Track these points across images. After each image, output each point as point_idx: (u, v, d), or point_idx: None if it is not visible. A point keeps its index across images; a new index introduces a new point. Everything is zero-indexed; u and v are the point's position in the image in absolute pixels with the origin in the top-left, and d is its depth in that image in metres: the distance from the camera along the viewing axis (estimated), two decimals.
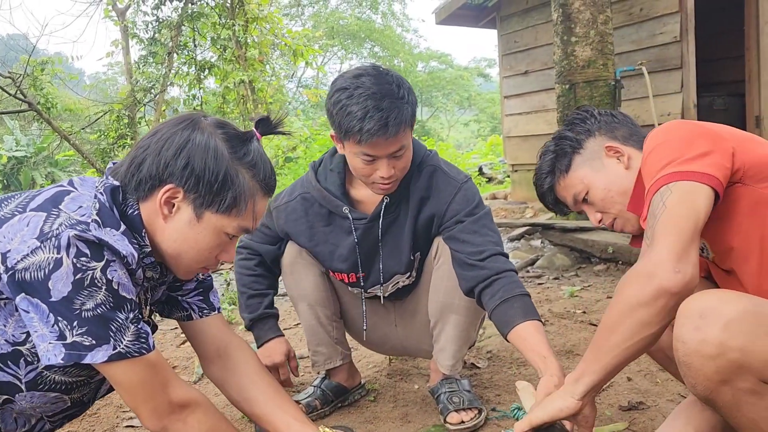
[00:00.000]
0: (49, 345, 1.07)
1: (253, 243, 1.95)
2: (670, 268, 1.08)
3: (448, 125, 30.73)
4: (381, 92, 1.53)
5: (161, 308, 1.46)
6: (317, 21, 24.69)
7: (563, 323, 2.69)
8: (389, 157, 1.59)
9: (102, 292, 1.07)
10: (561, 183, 1.51)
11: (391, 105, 1.53)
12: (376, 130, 1.51)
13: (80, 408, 1.33)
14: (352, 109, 1.53)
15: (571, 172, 1.48)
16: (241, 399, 1.42)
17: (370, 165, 1.61)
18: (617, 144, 1.45)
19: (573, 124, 1.53)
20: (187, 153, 1.17)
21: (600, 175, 1.44)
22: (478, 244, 1.69)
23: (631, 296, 1.13)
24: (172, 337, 3.00)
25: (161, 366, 1.18)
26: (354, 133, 1.53)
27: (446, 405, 1.81)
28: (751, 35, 5.25)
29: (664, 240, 1.12)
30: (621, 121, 1.50)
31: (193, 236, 1.21)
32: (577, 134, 1.50)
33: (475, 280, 1.66)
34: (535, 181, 1.57)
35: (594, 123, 1.50)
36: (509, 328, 1.55)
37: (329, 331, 1.94)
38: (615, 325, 1.15)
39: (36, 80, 8.38)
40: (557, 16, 4.75)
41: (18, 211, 1.11)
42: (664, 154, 1.21)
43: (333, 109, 1.58)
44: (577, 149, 1.48)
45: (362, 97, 1.53)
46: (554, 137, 1.55)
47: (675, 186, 1.15)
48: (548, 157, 1.53)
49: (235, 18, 8.65)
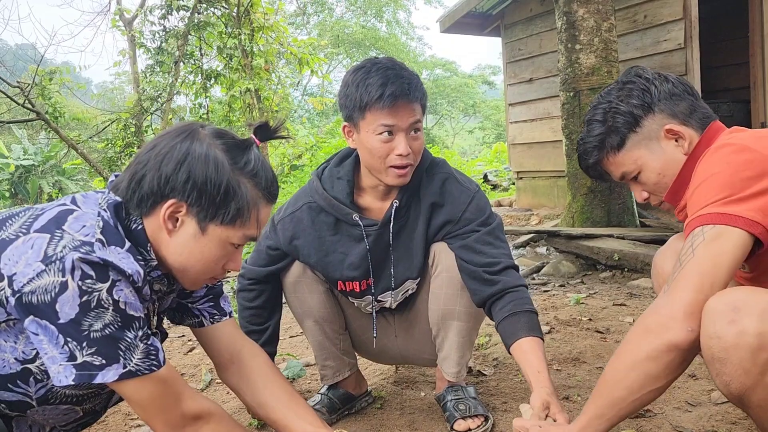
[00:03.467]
0: (60, 367, 1.07)
1: (255, 269, 1.88)
2: (682, 326, 1.05)
3: (453, 133, 30.76)
4: (398, 66, 1.64)
5: (172, 315, 1.47)
6: (322, 29, 24.83)
7: (569, 330, 2.69)
8: (407, 131, 1.63)
9: (109, 312, 1.07)
10: (610, 159, 1.39)
11: (410, 75, 1.63)
12: (400, 92, 1.58)
13: (93, 417, 1.34)
14: (371, 80, 1.59)
15: (624, 150, 1.36)
16: (256, 404, 1.43)
17: (387, 143, 1.62)
18: (678, 126, 1.33)
19: (629, 94, 1.36)
20: (187, 166, 1.16)
21: (656, 158, 1.34)
22: (493, 256, 1.71)
23: (641, 349, 1.10)
24: (180, 345, 3.01)
25: (173, 380, 1.18)
26: (375, 100, 1.58)
27: (452, 412, 1.82)
28: (755, 41, 5.25)
29: (681, 293, 1.08)
30: (681, 92, 1.36)
31: (199, 249, 1.21)
32: (633, 108, 1.35)
33: (488, 294, 1.69)
34: (579, 153, 1.45)
35: (654, 95, 1.34)
36: (512, 341, 1.61)
37: (336, 344, 1.94)
38: (621, 378, 1.13)
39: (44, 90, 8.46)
40: (561, 23, 4.77)
41: (22, 233, 1.10)
42: (710, 190, 1.14)
43: (350, 90, 1.63)
44: (634, 127, 1.35)
45: (381, 70, 1.61)
46: (603, 104, 1.40)
47: (709, 231, 1.09)
48: (597, 130, 1.39)
49: (242, 27, 8.72)
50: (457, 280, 1.77)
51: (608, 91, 1.42)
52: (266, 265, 1.88)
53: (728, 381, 1.06)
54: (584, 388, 2.06)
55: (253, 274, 1.89)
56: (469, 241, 1.74)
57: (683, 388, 1.98)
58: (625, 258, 3.99)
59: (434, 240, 1.80)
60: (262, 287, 1.89)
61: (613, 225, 4.60)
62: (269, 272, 1.88)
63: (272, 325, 1.92)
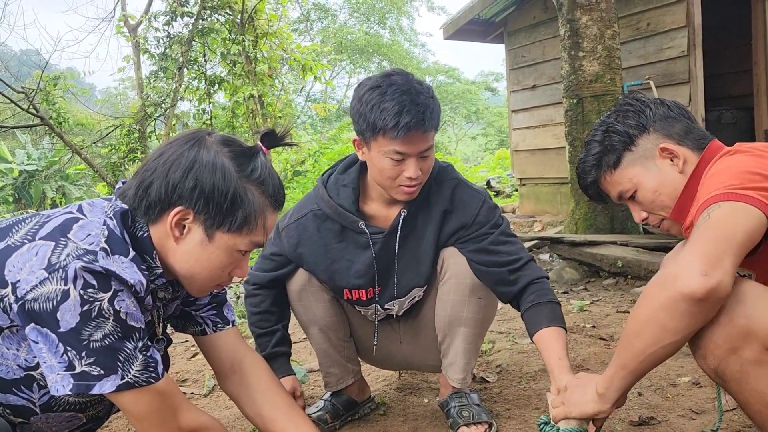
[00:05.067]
0: (58, 376, 1.07)
1: (260, 274, 1.88)
2: (696, 271, 1.02)
3: (456, 139, 30.79)
4: (414, 90, 1.58)
5: (175, 323, 1.47)
6: (326, 36, 24.90)
7: (573, 338, 2.69)
8: (418, 156, 1.61)
9: (110, 322, 1.07)
10: (607, 178, 1.43)
11: (426, 101, 1.58)
12: (414, 123, 1.54)
13: (96, 423, 1.33)
14: (386, 105, 1.55)
15: (620, 169, 1.40)
16: (256, 415, 1.42)
17: (397, 166, 1.61)
18: (673, 145, 1.36)
19: (625, 115, 1.41)
20: (194, 174, 1.16)
21: (651, 176, 1.37)
22: (512, 253, 1.76)
23: (653, 299, 1.09)
24: (183, 350, 3.01)
25: (170, 393, 1.18)
26: (390, 129, 1.55)
27: (456, 419, 1.81)
28: (759, 49, 5.26)
29: (696, 244, 1.06)
30: (677, 115, 1.40)
31: (206, 256, 1.21)
32: (629, 128, 1.39)
33: (517, 291, 1.74)
34: (578, 173, 1.49)
35: (649, 117, 1.39)
36: (534, 330, 1.66)
37: (341, 351, 1.94)
38: (639, 330, 1.13)
39: (48, 95, 8.50)
40: (565, 31, 4.78)
41: (28, 239, 1.11)
42: (724, 178, 1.16)
43: (364, 108, 1.59)
44: (629, 146, 1.38)
45: (396, 93, 1.56)
46: (602, 126, 1.45)
47: (725, 204, 1.09)
48: (595, 150, 1.43)
49: (245, 33, 8.76)
50: (465, 285, 1.77)
51: (608, 115, 1.47)
52: (270, 271, 1.88)
53: (704, 354, 1.10)
54: None
55: (258, 279, 1.89)
56: (485, 244, 1.75)
57: (687, 395, 1.97)
58: (629, 265, 3.98)
59: (445, 245, 1.80)
60: (267, 292, 1.89)
61: (617, 232, 4.59)
62: (273, 278, 1.88)
63: (281, 328, 1.91)
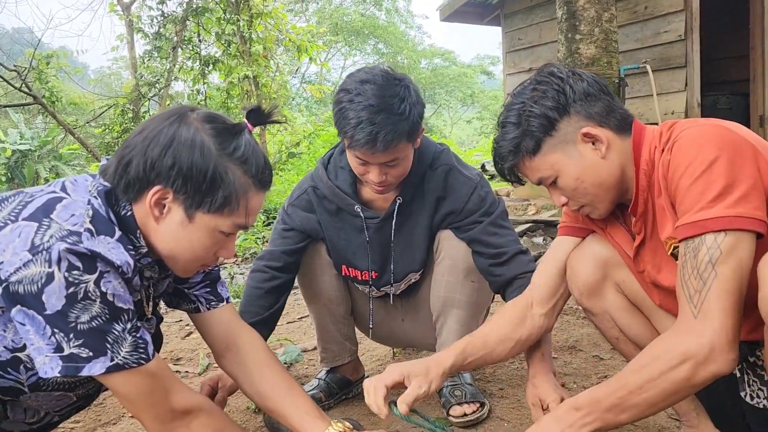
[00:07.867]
0: (46, 358, 1.05)
1: (273, 249, 1.86)
2: (729, 358, 1.06)
3: (451, 122, 30.72)
4: (380, 105, 1.52)
5: (168, 300, 1.45)
6: (321, 17, 24.68)
7: (565, 319, 2.71)
8: (381, 165, 1.61)
9: (97, 304, 1.05)
10: (526, 164, 1.33)
11: (385, 120, 1.52)
12: (363, 143, 1.53)
13: (86, 400, 1.33)
14: (348, 114, 1.55)
15: (539, 155, 1.30)
16: (253, 392, 1.42)
17: (363, 166, 1.64)
18: (595, 128, 1.27)
19: (543, 95, 1.29)
20: (173, 152, 1.12)
21: (573, 163, 1.28)
22: (500, 246, 1.74)
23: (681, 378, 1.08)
24: (177, 329, 3.02)
25: (162, 374, 1.16)
26: (347, 138, 1.58)
27: (449, 398, 1.83)
28: (756, 34, 5.24)
29: (721, 320, 1.06)
30: (596, 92, 1.29)
31: (187, 237, 1.17)
32: (548, 111, 1.28)
33: (502, 283, 1.76)
34: (494, 157, 1.39)
35: (569, 96, 1.28)
36: None
37: (340, 329, 1.96)
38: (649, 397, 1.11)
39: (41, 74, 8.43)
40: (562, 13, 4.74)
41: (10, 220, 1.08)
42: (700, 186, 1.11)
43: (335, 107, 1.61)
44: (549, 131, 1.28)
45: (360, 105, 1.53)
46: (516, 106, 1.33)
47: (723, 242, 1.08)
48: (512, 133, 1.31)
49: (240, 13, 8.67)
50: (460, 268, 1.79)
51: (521, 91, 1.34)
52: (282, 246, 1.86)
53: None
54: (580, 375, 2.08)
55: (270, 255, 1.87)
56: (475, 233, 1.76)
57: None
58: None
59: (439, 228, 1.81)
60: (275, 272, 1.85)
61: None
62: (284, 252, 1.85)
63: (272, 312, 1.88)
